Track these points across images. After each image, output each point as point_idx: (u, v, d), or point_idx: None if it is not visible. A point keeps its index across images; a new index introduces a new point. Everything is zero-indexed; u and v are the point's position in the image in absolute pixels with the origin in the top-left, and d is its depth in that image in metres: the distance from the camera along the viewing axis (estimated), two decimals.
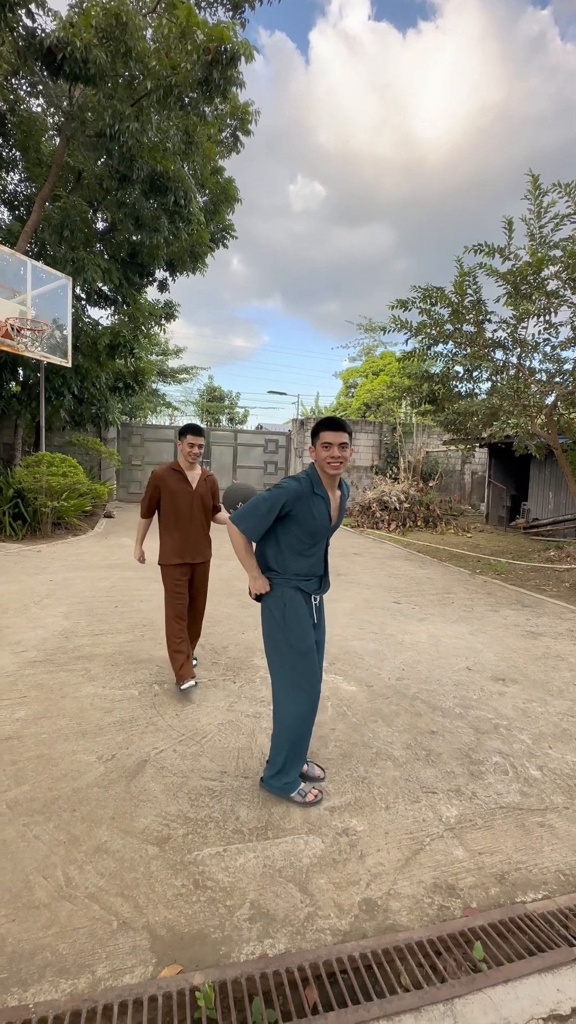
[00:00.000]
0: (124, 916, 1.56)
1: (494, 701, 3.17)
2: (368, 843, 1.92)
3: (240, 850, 1.85)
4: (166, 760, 2.37)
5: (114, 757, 2.37)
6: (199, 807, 2.06)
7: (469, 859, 1.87)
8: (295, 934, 1.54)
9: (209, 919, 1.57)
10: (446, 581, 6.62)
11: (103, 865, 1.75)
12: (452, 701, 3.14)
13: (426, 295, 7.43)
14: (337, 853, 1.86)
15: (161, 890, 1.66)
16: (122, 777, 2.23)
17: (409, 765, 2.44)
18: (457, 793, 2.25)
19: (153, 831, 1.92)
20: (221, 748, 2.50)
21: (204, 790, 2.17)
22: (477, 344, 7.70)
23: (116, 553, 7.39)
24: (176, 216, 9.74)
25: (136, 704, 2.90)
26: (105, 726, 2.64)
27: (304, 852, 1.86)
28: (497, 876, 1.80)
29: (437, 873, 1.80)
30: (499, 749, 2.62)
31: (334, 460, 1.97)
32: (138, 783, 2.19)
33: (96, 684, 3.12)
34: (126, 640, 3.90)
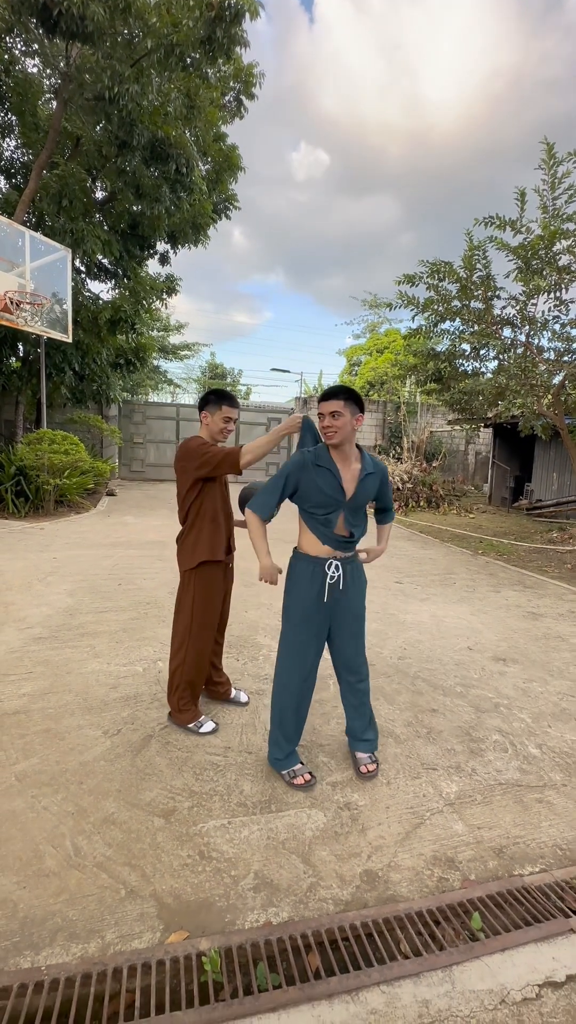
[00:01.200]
0: (132, 884, 1.61)
1: (495, 680, 3.21)
2: (369, 817, 1.96)
3: (244, 823, 1.89)
4: (171, 736, 2.41)
5: (120, 732, 2.41)
6: (204, 781, 2.10)
7: (468, 833, 1.91)
8: (298, 903, 1.58)
9: (214, 888, 1.61)
10: (448, 562, 6.64)
11: (111, 835, 1.79)
12: (453, 680, 3.17)
13: (433, 270, 7.25)
14: (339, 826, 1.91)
15: (167, 860, 1.71)
16: (128, 751, 2.27)
17: (410, 742, 2.47)
18: (457, 770, 2.28)
19: (159, 803, 1.96)
20: (224, 724, 2.54)
21: (208, 764, 2.21)
22: (485, 321, 7.54)
23: (118, 531, 7.40)
24: (178, 185, 9.45)
25: (141, 680, 2.94)
26: (110, 701, 2.68)
27: (307, 825, 1.90)
28: (495, 850, 1.84)
29: (437, 846, 1.84)
30: (499, 727, 2.66)
31: (326, 429, 2.00)
32: (144, 757, 2.23)
33: (101, 660, 3.16)
34: (130, 618, 3.93)
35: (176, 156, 8.79)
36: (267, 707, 2.72)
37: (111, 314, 10.26)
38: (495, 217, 6.78)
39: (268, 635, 3.73)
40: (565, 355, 7.47)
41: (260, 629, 3.84)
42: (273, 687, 2.20)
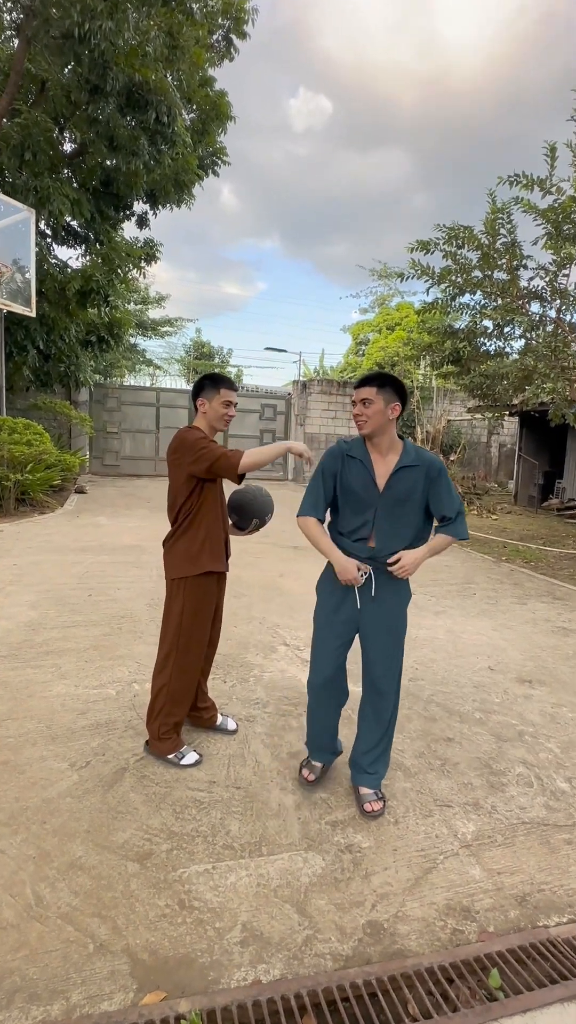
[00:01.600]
0: (101, 938, 1.61)
1: (519, 705, 3.23)
2: (374, 861, 1.97)
3: (231, 867, 1.90)
4: (148, 768, 2.41)
5: (88, 764, 2.42)
6: (185, 820, 2.11)
7: (487, 879, 1.93)
8: (292, 959, 1.59)
9: (196, 942, 1.62)
10: (467, 569, 6.66)
11: (77, 883, 1.80)
12: (471, 705, 3.19)
13: (451, 236, 7.29)
14: (339, 871, 1.92)
15: (142, 910, 1.71)
16: (98, 786, 2.27)
17: (421, 775, 2.49)
18: (475, 807, 2.30)
19: (133, 846, 1.97)
20: (209, 755, 2.54)
21: (190, 801, 2.22)
22: (510, 294, 7.58)
23: (89, 534, 7.40)
24: (158, 136, 9.46)
25: (113, 705, 2.94)
26: (78, 729, 2.69)
27: (302, 870, 1.91)
28: (518, 898, 1.86)
29: (451, 894, 1.85)
30: (523, 759, 2.68)
31: (357, 417, 2.13)
32: (116, 793, 2.24)
33: (68, 682, 3.16)
34: (101, 633, 3.93)
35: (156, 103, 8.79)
36: (258, 736, 2.74)
37: (81, 284, 10.25)
38: (521, 175, 6.82)
39: (260, 653, 3.74)
40: None
41: (251, 646, 3.85)
42: None
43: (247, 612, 4.56)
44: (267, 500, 2.61)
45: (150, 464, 15.31)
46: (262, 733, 2.76)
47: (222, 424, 2.45)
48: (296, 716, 2.94)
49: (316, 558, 7.02)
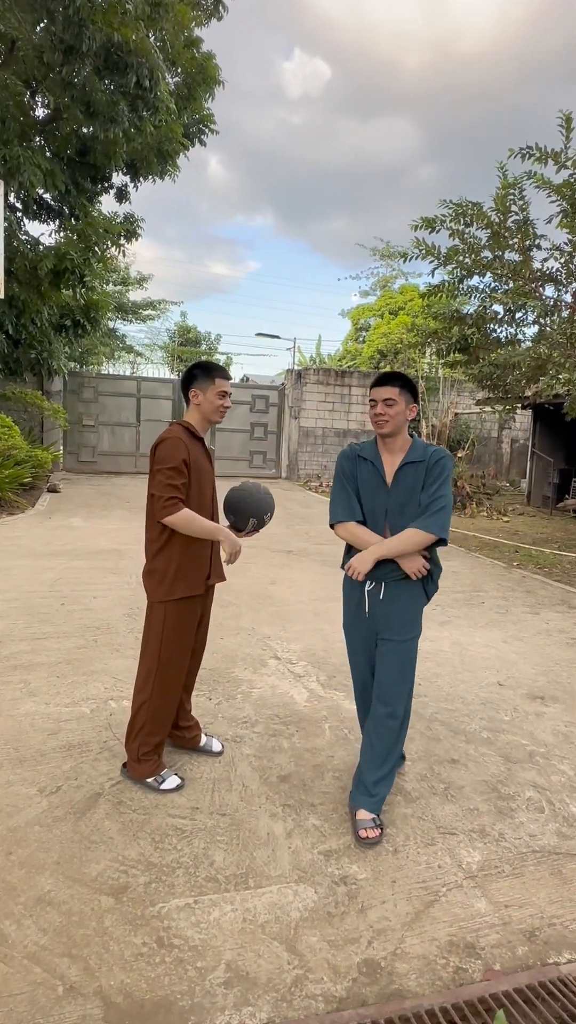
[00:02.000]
0: (72, 980, 1.61)
1: (530, 723, 3.25)
2: (371, 894, 1.98)
3: (214, 901, 1.90)
4: (124, 793, 2.42)
5: (59, 789, 2.42)
6: (165, 850, 2.11)
7: (493, 913, 1.94)
8: (280, 1001, 1.60)
9: (176, 983, 1.62)
10: (475, 576, 6.70)
11: (46, 919, 1.80)
12: (478, 723, 3.21)
13: (459, 212, 7.33)
14: (333, 905, 1.92)
15: (117, 949, 1.71)
16: (70, 814, 2.27)
17: (423, 800, 2.50)
18: (481, 834, 2.31)
19: (108, 879, 1.97)
20: (192, 779, 2.55)
21: (171, 829, 2.22)
22: (522, 277, 7.63)
23: (62, 537, 7.38)
24: (139, 102, 9.44)
25: (87, 725, 2.94)
26: (48, 751, 2.68)
27: (293, 904, 1.92)
28: (526, 933, 1.87)
29: (454, 929, 1.86)
30: (534, 782, 2.70)
31: (378, 417, 2.27)
32: (89, 821, 2.24)
33: (37, 700, 3.16)
34: (75, 646, 3.93)
35: (136, 65, 8.77)
36: (246, 758, 2.75)
37: (54, 263, 10.21)
38: (534, 148, 6.88)
39: (249, 668, 3.75)
40: None
41: (239, 661, 3.85)
42: None
43: (235, 622, 4.56)
44: (264, 498, 2.60)
45: (130, 460, 15.29)
46: (250, 755, 2.76)
47: (217, 416, 2.48)
48: (287, 736, 2.95)
49: (310, 564, 7.06)
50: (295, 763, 2.72)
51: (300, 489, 14.73)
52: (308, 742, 2.91)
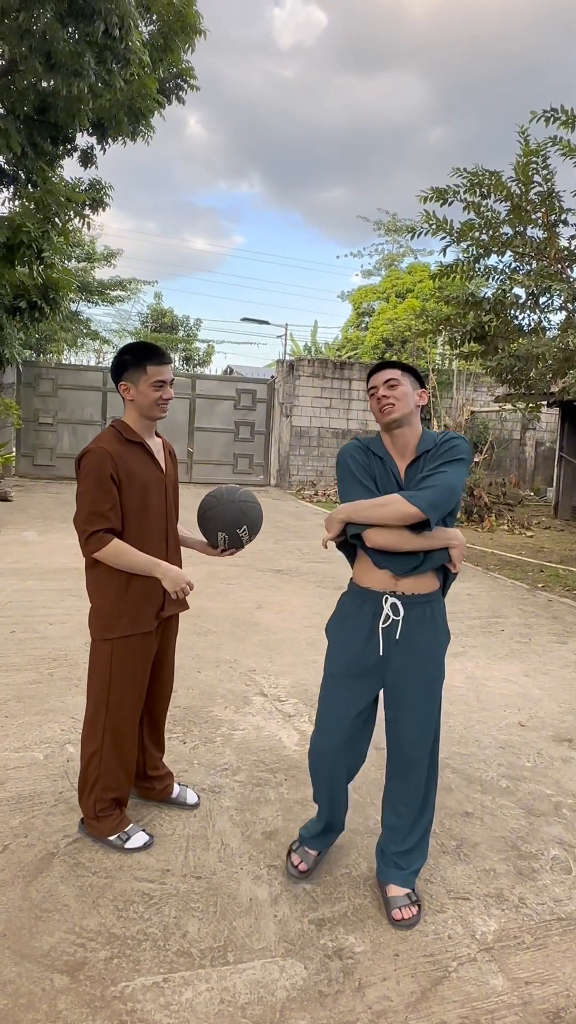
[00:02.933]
0: None
1: (556, 771, 3.27)
2: (370, 969, 1.98)
3: (187, 979, 1.89)
4: (83, 853, 2.41)
5: (6, 848, 2.40)
6: (129, 920, 2.10)
7: (512, 991, 1.94)
8: None
9: None
10: (493, 599, 6.74)
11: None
12: (496, 770, 3.23)
13: (474, 182, 7.46)
14: (326, 983, 1.92)
15: None
16: (18, 877, 2.26)
17: (432, 860, 2.50)
18: (498, 899, 2.32)
19: (63, 953, 1.95)
20: (162, 836, 2.54)
21: (137, 895, 2.21)
22: (547, 256, 7.76)
23: (13, 553, 7.36)
24: (107, 53, 9.54)
25: (40, 772, 2.93)
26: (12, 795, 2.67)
27: (279, 982, 1.91)
28: (550, 1014, 1.87)
29: (466, 1010, 1.86)
30: (560, 838, 2.71)
31: (383, 401, 2.13)
32: (41, 886, 2.22)
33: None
34: (27, 681, 3.91)
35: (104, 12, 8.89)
36: (225, 811, 2.75)
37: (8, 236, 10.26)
38: (559, 110, 7.02)
39: (230, 706, 3.75)
40: None
41: (218, 698, 3.85)
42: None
43: (215, 654, 4.56)
44: (239, 507, 2.48)
45: None
46: (230, 807, 2.76)
47: (158, 412, 2.41)
48: (274, 786, 2.95)
49: (303, 585, 7.09)
50: (283, 817, 2.72)
51: (292, 498, 14.77)
52: (298, 792, 2.90)
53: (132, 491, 2.34)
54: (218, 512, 2.47)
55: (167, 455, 2.59)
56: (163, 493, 2.49)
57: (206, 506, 2.50)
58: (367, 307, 25.47)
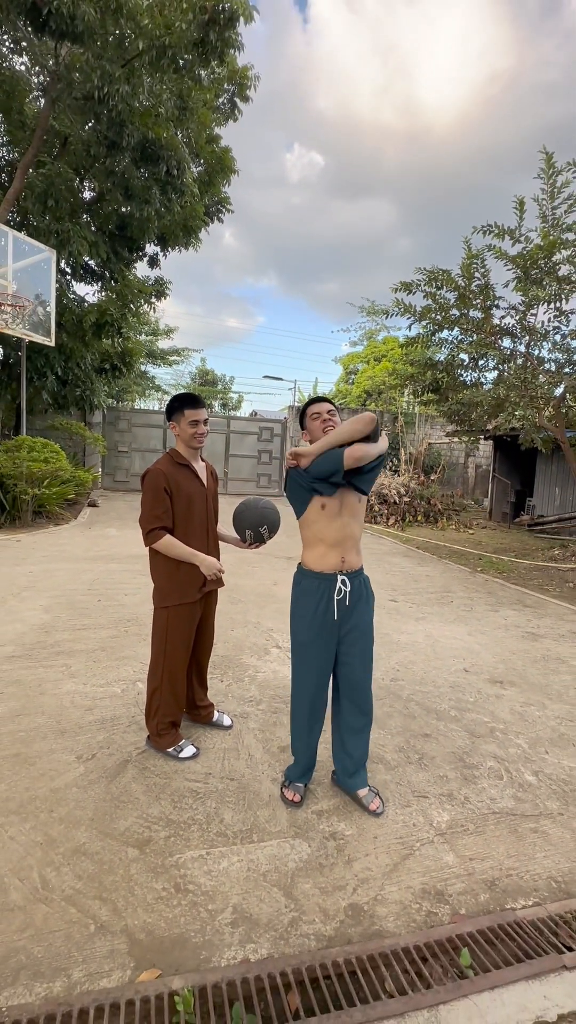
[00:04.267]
0: (102, 919, 1.59)
1: (491, 704, 3.22)
2: (356, 848, 1.96)
3: (224, 853, 1.88)
4: (148, 760, 2.40)
5: (94, 757, 2.40)
6: (182, 809, 2.09)
7: (459, 865, 1.91)
8: (278, 939, 1.57)
9: (190, 923, 1.60)
10: (445, 579, 6.68)
11: (81, 867, 1.78)
12: (447, 704, 3.19)
13: (431, 278, 7.42)
14: (324, 858, 1.90)
15: (141, 893, 1.69)
16: (102, 777, 2.25)
17: (401, 768, 2.48)
18: (449, 798, 2.29)
19: (134, 833, 1.95)
20: (206, 748, 2.53)
21: (187, 792, 2.20)
22: (484, 331, 7.70)
23: (99, 544, 7.38)
24: (168, 187, 9.62)
25: (119, 702, 2.92)
26: (85, 724, 2.67)
27: (290, 856, 1.89)
28: (488, 882, 1.85)
29: (426, 879, 1.84)
30: (494, 753, 2.67)
31: (325, 424, 2.16)
32: (119, 784, 2.22)
33: (76, 681, 3.14)
34: (109, 635, 3.91)
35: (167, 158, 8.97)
36: (251, 731, 2.72)
37: (96, 317, 10.34)
38: (493, 225, 6.98)
39: (254, 655, 3.73)
40: (566, 366, 7.63)
41: (246, 649, 3.84)
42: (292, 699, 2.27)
43: (243, 617, 4.55)
44: (262, 511, 2.43)
45: None
46: (255, 728, 2.75)
47: (196, 442, 2.40)
48: (286, 713, 2.92)
49: None
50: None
51: None
52: None
53: (180, 500, 2.34)
54: (246, 516, 2.45)
55: (209, 475, 2.57)
56: (205, 502, 2.48)
57: (238, 511, 2.48)
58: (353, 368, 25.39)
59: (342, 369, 26.62)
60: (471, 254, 7.14)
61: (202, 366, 31.31)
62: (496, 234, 7.01)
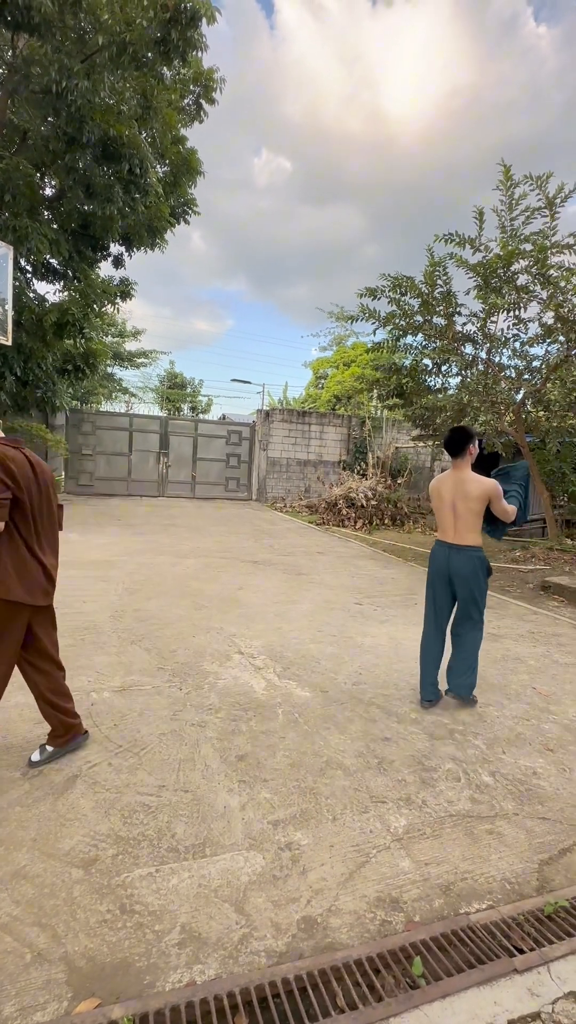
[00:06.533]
0: (40, 947, 1.51)
1: (452, 705, 3.24)
2: (312, 857, 1.92)
3: (174, 870, 1.81)
4: (99, 775, 2.30)
5: (41, 772, 2.29)
6: (132, 825, 2.01)
7: (415, 870, 1.90)
8: (227, 958, 1.52)
9: (134, 946, 1.53)
10: (410, 581, 6.73)
11: (20, 891, 1.68)
12: (408, 706, 3.19)
13: (396, 284, 7.51)
14: (278, 869, 1.86)
15: (84, 917, 1.61)
16: (48, 795, 2.15)
17: (360, 774, 2.46)
18: (407, 802, 2.28)
19: (79, 852, 1.86)
20: (161, 760, 2.45)
21: (139, 806, 2.12)
22: (447, 337, 7.85)
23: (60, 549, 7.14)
24: (132, 186, 9.46)
25: None
26: (33, 738, 2.55)
27: (243, 869, 1.84)
28: (443, 887, 1.84)
29: (381, 887, 1.82)
30: (453, 755, 2.68)
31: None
32: (66, 800, 2.12)
33: (26, 693, 2.98)
34: (65, 644, 3.74)
35: (130, 156, 8.82)
36: (209, 740, 2.66)
37: (57, 317, 10.07)
38: (455, 235, 7.13)
39: (216, 661, 3.66)
40: (525, 373, 7.84)
41: (208, 655, 3.76)
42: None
43: (206, 623, 4.47)
44: None
45: (123, 484, 15.03)
46: (212, 737, 2.68)
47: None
48: (246, 721, 2.87)
49: (273, 572, 6.97)
50: (251, 744, 2.65)
51: (267, 509, 14.67)
52: (263, 725, 2.84)
53: (24, 487, 2.14)
54: None
55: (38, 466, 2.32)
56: (32, 515, 2.24)
57: None
58: (323, 372, 25.55)
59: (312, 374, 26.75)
60: (434, 262, 7.26)
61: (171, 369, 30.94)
62: (457, 243, 7.16)
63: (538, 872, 1.93)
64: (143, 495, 15.23)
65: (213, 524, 10.69)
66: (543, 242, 6.61)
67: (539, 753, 2.74)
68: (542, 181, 6.69)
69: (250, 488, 16.69)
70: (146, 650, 3.77)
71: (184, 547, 7.78)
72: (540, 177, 6.69)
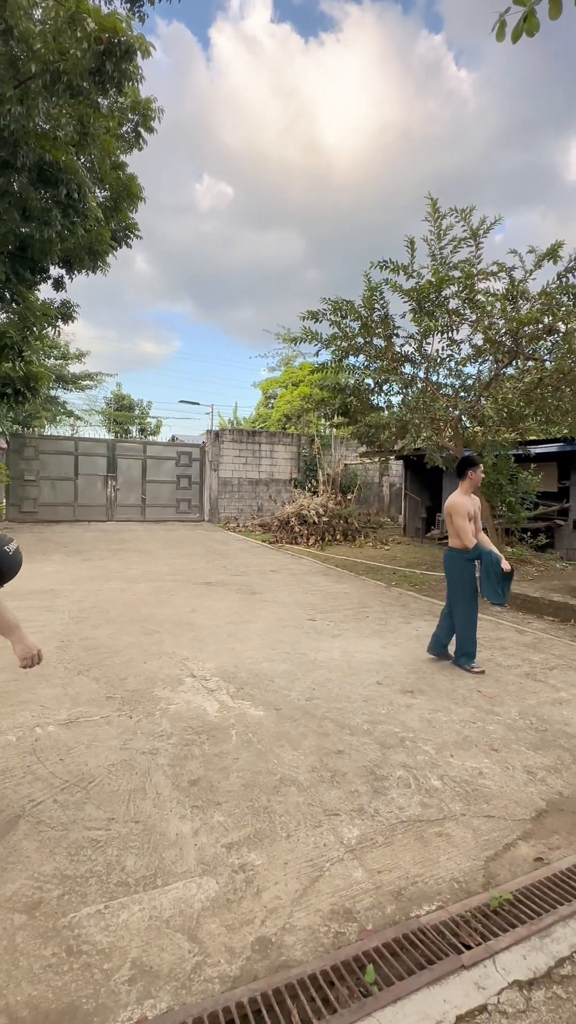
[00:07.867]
0: None
1: (401, 714, 3.32)
2: (266, 877, 1.91)
3: (124, 904, 1.76)
4: (44, 813, 2.21)
5: None
6: (79, 862, 1.94)
7: (368, 879, 1.93)
8: (180, 988, 1.49)
9: (82, 988, 1.48)
10: (362, 595, 6.87)
11: None
12: (361, 718, 3.24)
13: (336, 307, 7.79)
14: (232, 892, 1.84)
15: (27, 964, 1.54)
16: None
17: (313, 788, 2.47)
18: (360, 812, 2.31)
19: (22, 896, 1.78)
20: (110, 792, 2.38)
21: (87, 842, 2.05)
22: (386, 358, 8.18)
23: None
24: (70, 210, 9.39)
25: (12, 752, 2.69)
26: None
27: (196, 896, 1.81)
28: (394, 893, 1.87)
29: (335, 899, 1.83)
30: (403, 762, 2.74)
31: None
32: (7, 844, 2.02)
33: None
34: (7, 679, 3.61)
35: (67, 181, 8.79)
36: (160, 767, 2.61)
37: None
38: (389, 261, 7.49)
39: (167, 687, 3.60)
40: (461, 391, 8.27)
41: (159, 681, 3.69)
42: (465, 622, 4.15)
43: (158, 648, 4.39)
44: None
45: (69, 510, 14.59)
46: (164, 764, 2.63)
47: None
48: (199, 744, 2.84)
49: (226, 593, 6.92)
50: (204, 767, 2.62)
51: (220, 530, 14.59)
52: (216, 748, 2.81)
53: None
54: None
55: None
56: None
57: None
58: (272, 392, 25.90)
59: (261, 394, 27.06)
60: (371, 287, 7.59)
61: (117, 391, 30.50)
62: (392, 269, 7.53)
63: (484, 869, 2.00)
64: (91, 520, 14.81)
65: (164, 547, 10.52)
66: (470, 269, 7.06)
67: (484, 754, 2.85)
68: (466, 214, 7.17)
69: (202, 509, 16.57)
70: (94, 679, 3.66)
71: (134, 572, 7.61)
72: (464, 210, 7.18)
